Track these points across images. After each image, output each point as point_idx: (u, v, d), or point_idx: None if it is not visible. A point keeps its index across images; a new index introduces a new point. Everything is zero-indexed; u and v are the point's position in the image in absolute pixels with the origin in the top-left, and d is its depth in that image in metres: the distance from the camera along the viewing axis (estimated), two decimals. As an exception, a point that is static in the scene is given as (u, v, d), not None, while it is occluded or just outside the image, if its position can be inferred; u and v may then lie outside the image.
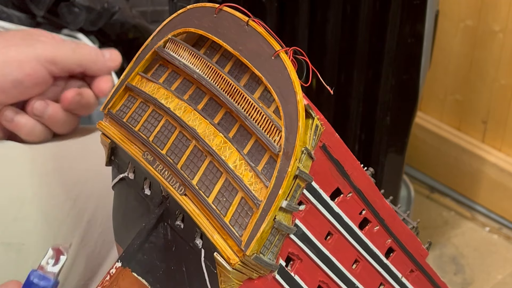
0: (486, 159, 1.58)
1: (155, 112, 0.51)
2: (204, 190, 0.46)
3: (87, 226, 0.68)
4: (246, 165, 0.45)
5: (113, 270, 0.49)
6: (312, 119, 0.45)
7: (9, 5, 1.06)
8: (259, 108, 0.46)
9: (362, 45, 1.09)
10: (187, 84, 0.51)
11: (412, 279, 0.59)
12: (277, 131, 0.45)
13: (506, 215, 1.59)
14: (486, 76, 1.53)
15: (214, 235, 0.45)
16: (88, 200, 0.68)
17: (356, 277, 0.53)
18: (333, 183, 0.48)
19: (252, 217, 0.44)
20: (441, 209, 1.65)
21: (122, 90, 0.53)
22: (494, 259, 1.51)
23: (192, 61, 0.50)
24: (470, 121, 1.61)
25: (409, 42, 1.11)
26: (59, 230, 0.66)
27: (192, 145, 0.48)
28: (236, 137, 0.47)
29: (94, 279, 0.69)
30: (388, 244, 0.55)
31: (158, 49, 0.52)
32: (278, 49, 0.45)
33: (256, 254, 0.44)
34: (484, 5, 1.46)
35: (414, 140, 1.50)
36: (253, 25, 0.47)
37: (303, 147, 0.44)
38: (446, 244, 1.55)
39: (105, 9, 1.08)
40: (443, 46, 1.54)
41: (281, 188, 0.43)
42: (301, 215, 0.47)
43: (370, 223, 0.53)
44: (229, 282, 0.45)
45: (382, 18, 1.08)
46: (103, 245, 0.70)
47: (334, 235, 0.50)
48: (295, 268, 0.48)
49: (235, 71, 0.49)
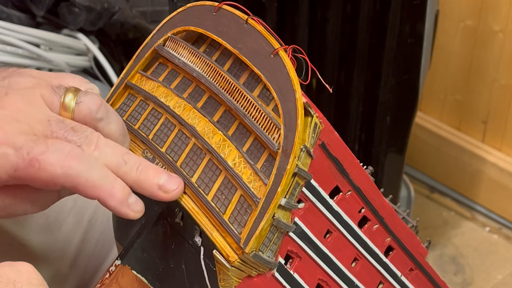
0: (486, 159, 1.58)
1: (155, 110, 0.51)
2: (204, 188, 0.46)
3: (88, 225, 0.68)
4: (245, 163, 0.45)
5: (112, 268, 0.50)
6: (311, 117, 0.45)
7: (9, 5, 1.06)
8: (258, 106, 0.46)
9: (362, 45, 1.09)
10: (187, 82, 0.51)
11: (411, 277, 0.59)
12: (276, 129, 0.45)
13: (506, 215, 1.59)
14: (486, 76, 1.53)
15: (213, 232, 0.45)
16: (88, 199, 0.68)
17: (355, 276, 0.53)
18: (332, 181, 0.48)
19: (251, 214, 0.44)
20: (441, 209, 1.65)
21: (122, 89, 0.53)
22: (494, 259, 1.51)
23: (192, 59, 0.50)
24: (470, 121, 1.61)
25: (409, 42, 1.12)
26: (60, 230, 0.66)
27: (192, 143, 0.48)
28: (235, 135, 0.47)
29: (94, 278, 0.69)
30: (387, 242, 0.55)
31: (158, 47, 0.52)
32: (277, 47, 0.45)
33: (255, 251, 0.44)
34: (484, 5, 1.46)
35: (414, 140, 1.50)
36: (253, 23, 0.47)
37: (302, 145, 0.44)
38: (446, 244, 1.55)
39: (105, 9, 1.08)
40: (443, 46, 1.54)
41: (280, 185, 0.43)
42: (300, 213, 0.47)
43: (370, 222, 0.53)
44: (228, 280, 0.45)
45: (382, 18, 1.08)
46: (104, 244, 0.70)
47: (333, 233, 0.50)
48: (294, 266, 0.49)
49: (234, 69, 0.49)
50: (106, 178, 0.45)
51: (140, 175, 0.46)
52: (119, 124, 0.48)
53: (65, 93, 0.47)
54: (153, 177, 0.46)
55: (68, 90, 0.48)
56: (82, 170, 0.44)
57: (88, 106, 0.47)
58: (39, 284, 0.41)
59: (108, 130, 0.48)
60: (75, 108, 0.47)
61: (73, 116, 0.47)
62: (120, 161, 0.46)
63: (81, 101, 0.47)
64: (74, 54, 1.12)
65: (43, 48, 1.07)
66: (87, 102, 0.47)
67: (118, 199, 0.45)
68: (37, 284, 0.41)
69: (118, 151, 0.46)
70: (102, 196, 0.45)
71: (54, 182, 0.44)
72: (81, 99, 0.47)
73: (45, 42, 1.07)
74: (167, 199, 0.46)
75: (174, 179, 0.46)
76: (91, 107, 0.47)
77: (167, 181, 0.46)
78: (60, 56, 1.08)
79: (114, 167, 0.46)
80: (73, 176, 0.44)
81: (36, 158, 0.43)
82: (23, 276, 0.41)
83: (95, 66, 1.14)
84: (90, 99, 0.47)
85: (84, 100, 0.47)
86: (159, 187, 0.46)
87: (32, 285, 0.41)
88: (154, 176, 0.46)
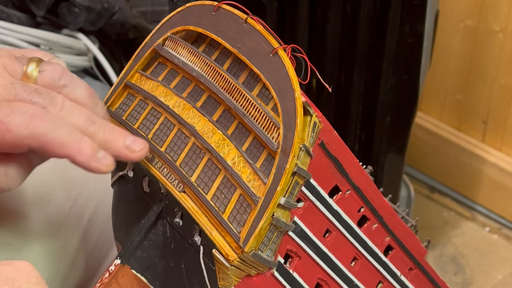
0: (486, 159, 1.58)
1: (154, 110, 0.51)
2: (203, 187, 0.46)
3: (88, 225, 0.68)
4: (245, 162, 0.45)
5: (112, 267, 0.50)
6: (310, 116, 0.45)
7: (9, 5, 1.06)
8: (257, 105, 0.46)
9: (362, 45, 1.09)
10: (186, 82, 0.51)
11: (411, 277, 0.59)
12: (275, 128, 0.45)
13: (506, 215, 1.59)
14: (486, 76, 1.53)
15: (213, 232, 0.45)
16: (88, 199, 0.68)
17: (354, 275, 0.54)
18: (332, 181, 0.48)
19: (251, 214, 0.44)
20: (441, 209, 1.65)
21: (121, 88, 0.53)
22: (494, 259, 1.51)
23: (191, 59, 0.50)
24: (470, 121, 1.61)
25: (409, 42, 1.12)
26: (60, 229, 0.66)
27: (191, 142, 0.48)
28: (235, 134, 0.47)
29: (94, 278, 0.69)
30: (386, 242, 0.55)
31: (157, 47, 0.52)
32: (277, 47, 0.45)
33: (255, 250, 0.44)
34: (484, 5, 1.46)
35: (414, 140, 1.50)
36: (252, 22, 0.47)
37: (301, 144, 0.44)
38: (446, 244, 1.55)
39: (105, 9, 1.08)
40: (443, 46, 1.54)
41: (279, 185, 0.43)
42: (299, 213, 0.47)
43: (369, 221, 0.53)
44: (227, 279, 0.45)
45: (382, 18, 1.08)
46: (104, 244, 0.70)
47: (333, 233, 0.50)
48: (293, 265, 0.49)
49: (233, 68, 0.49)
50: (73, 135, 0.45)
51: (108, 135, 0.47)
52: (84, 87, 0.48)
53: (28, 63, 0.47)
54: (120, 137, 0.47)
55: (31, 60, 0.48)
56: (49, 129, 0.44)
57: (51, 74, 0.47)
58: (38, 283, 0.41)
59: (74, 96, 0.48)
60: (38, 76, 0.47)
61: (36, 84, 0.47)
62: (88, 121, 0.46)
63: (44, 69, 0.47)
64: (74, 54, 1.12)
65: (43, 48, 1.07)
66: (49, 71, 0.47)
67: (87, 155, 0.45)
68: (36, 282, 0.41)
69: (84, 112, 0.47)
70: (71, 153, 0.45)
71: (21, 143, 0.44)
72: (43, 68, 0.47)
73: (45, 42, 1.07)
74: (133, 159, 0.48)
75: (139, 141, 0.48)
76: (53, 75, 0.47)
77: (133, 142, 0.47)
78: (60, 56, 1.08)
79: (81, 128, 0.46)
80: (40, 135, 0.44)
81: (2, 121, 0.44)
82: (22, 275, 0.41)
83: (95, 66, 1.14)
84: (52, 68, 0.47)
85: (46, 69, 0.47)
86: (126, 147, 0.47)
87: (31, 284, 0.41)
88: (121, 136, 0.47)
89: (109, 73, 1.12)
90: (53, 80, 0.47)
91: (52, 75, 0.47)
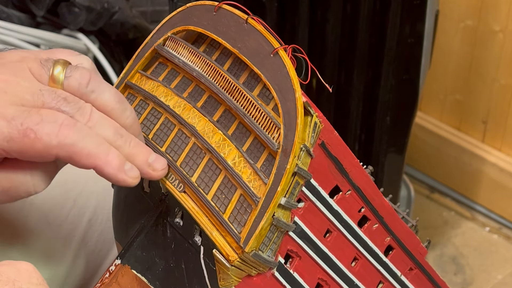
0: (486, 159, 1.58)
1: (155, 110, 0.51)
2: (203, 187, 0.46)
3: (88, 225, 0.68)
4: (245, 162, 0.45)
5: (112, 267, 0.50)
6: (311, 117, 0.45)
7: (9, 5, 1.06)
8: (258, 105, 0.46)
9: (362, 45, 1.09)
10: (187, 82, 0.51)
11: (411, 277, 0.59)
12: (276, 129, 0.45)
13: (506, 215, 1.59)
14: (486, 76, 1.53)
15: (213, 232, 0.45)
16: (88, 199, 0.68)
17: (355, 275, 0.54)
18: (332, 181, 0.48)
19: (251, 214, 0.44)
20: (441, 209, 1.65)
21: (121, 88, 0.53)
22: (494, 259, 1.51)
23: (192, 59, 0.50)
24: (470, 121, 1.61)
25: (409, 42, 1.12)
26: (60, 230, 0.66)
27: (191, 142, 0.48)
28: (235, 134, 0.47)
29: (94, 278, 0.69)
30: (387, 242, 0.55)
31: (158, 47, 0.52)
32: (277, 47, 0.45)
33: (255, 251, 0.44)
34: (484, 5, 1.46)
35: (414, 140, 1.50)
36: (252, 23, 0.47)
37: (302, 144, 0.44)
38: (446, 244, 1.55)
39: (105, 9, 1.08)
40: (443, 46, 1.54)
41: (280, 185, 0.43)
42: (300, 213, 0.47)
43: (369, 221, 0.53)
44: (228, 279, 0.45)
45: (382, 18, 1.08)
46: (104, 244, 0.70)
47: (333, 233, 0.50)
48: (294, 265, 0.49)
49: (234, 68, 0.49)
50: (101, 146, 0.45)
51: (134, 150, 0.46)
52: (112, 92, 0.47)
53: (54, 66, 0.47)
54: (144, 154, 0.47)
55: (57, 63, 0.47)
56: (78, 139, 0.44)
57: (78, 80, 0.46)
58: (38, 283, 0.41)
59: (102, 101, 0.47)
60: (64, 81, 0.46)
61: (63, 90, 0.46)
62: (115, 134, 0.46)
63: (71, 75, 0.46)
64: (74, 54, 1.12)
65: (43, 48, 1.07)
66: (76, 76, 0.46)
67: (115, 166, 0.45)
68: (37, 283, 0.41)
69: (112, 124, 0.46)
70: (99, 164, 0.45)
71: (49, 152, 0.44)
72: (70, 73, 0.46)
73: (45, 42, 1.07)
74: (153, 177, 0.47)
75: (162, 160, 0.48)
76: (80, 81, 0.46)
77: (156, 160, 0.47)
78: (60, 56, 1.08)
79: (109, 140, 0.46)
80: (68, 145, 0.44)
81: (31, 129, 0.43)
82: (23, 275, 0.41)
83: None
84: (79, 73, 0.46)
85: (73, 74, 0.46)
86: (149, 165, 0.47)
87: (31, 284, 0.41)
88: (146, 153, 0.47)
89: (109, 73, 1.12)
90: (80, 86, 0.46)
91: (79, 81, 0.46)
